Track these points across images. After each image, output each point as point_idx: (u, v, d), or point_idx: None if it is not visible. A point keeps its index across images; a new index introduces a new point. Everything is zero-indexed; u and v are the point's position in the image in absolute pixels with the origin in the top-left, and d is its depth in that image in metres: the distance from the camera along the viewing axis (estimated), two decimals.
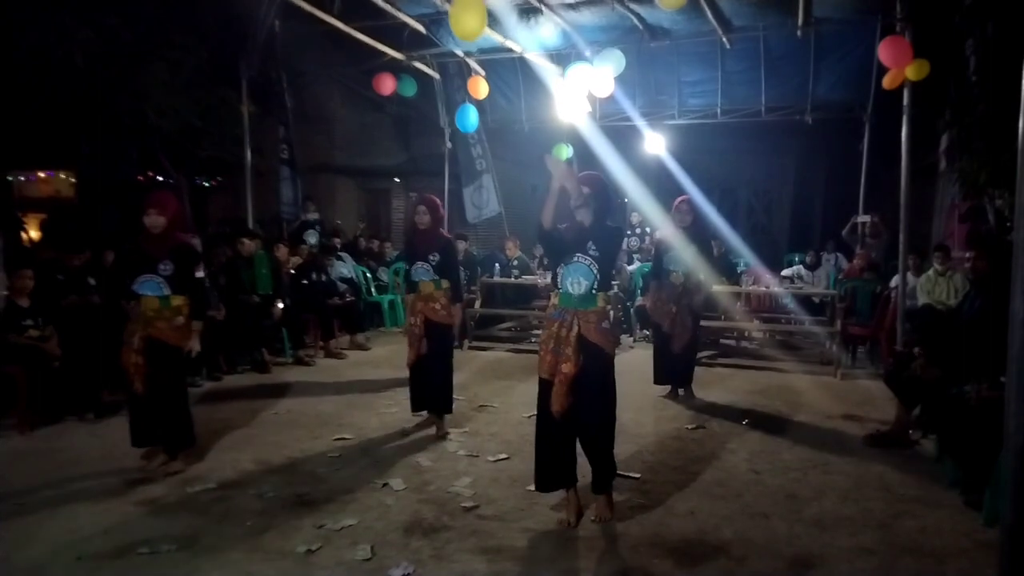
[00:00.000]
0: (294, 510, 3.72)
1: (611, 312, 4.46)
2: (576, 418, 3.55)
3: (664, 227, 6.08)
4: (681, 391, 6.14)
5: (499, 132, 11.45)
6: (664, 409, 5.80)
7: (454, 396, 5.30)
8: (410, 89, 9.53)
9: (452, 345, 5.40)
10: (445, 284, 5.08)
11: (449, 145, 10.98)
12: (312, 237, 9.99)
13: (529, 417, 5.44)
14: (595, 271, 3.52)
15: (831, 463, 4.50)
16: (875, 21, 7.73)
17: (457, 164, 11.32)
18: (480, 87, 8.99)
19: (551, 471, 3.62)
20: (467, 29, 5.08)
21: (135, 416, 4.30)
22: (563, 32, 8.43)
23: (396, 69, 9.35)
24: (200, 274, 4.34)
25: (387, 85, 9.19)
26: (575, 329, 3.49)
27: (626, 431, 4.87)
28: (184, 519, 3.61)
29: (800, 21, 7.73)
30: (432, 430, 5.09)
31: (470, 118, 9.28)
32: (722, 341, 8.75)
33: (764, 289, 8.66)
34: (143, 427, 4.28)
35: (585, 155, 11.21)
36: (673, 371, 6.08)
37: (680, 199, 5.95)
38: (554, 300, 3.63)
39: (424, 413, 5.29)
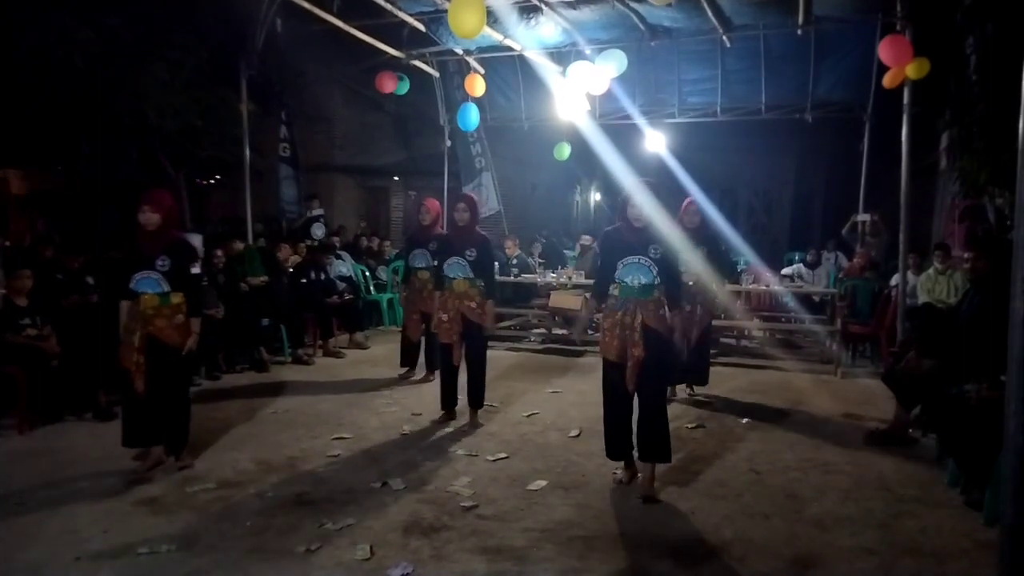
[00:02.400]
0: (294, 510, 3.72)
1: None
2: (638, 395, 3.96)
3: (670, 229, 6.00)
4: (693, 389, 6.11)
5: (499, 130, 11.45)
6: None
7: (455, 395, 5.37)
8: (403, 87, 9.53)
9: (487, 343, 5.47)
10: (479, 283, 5.18)
11: (449, 143, 10.98)
12: (319, 230, 10.02)
13: (529, 416, 5.46)
14: (654, 272, 3.88)
15: (831, 463, 4.50)
16: (875, 20, 7.71)
17: (457, 162, 11.32)
18: (477, 85, 8.95)
19: (618, 440, 4.07)
20: (466, 27, 5.05)
21: (130, 416, 4.28)
22: (563, 30, 8.42)
23: (393, 67, 9.34)
24: (196, 270, 4.33)
25: (389, 84, 9.19)
26: (639, 317, 3.86)
27: None
28: (184, 519, 3.61)
29: (800, 20, 7.71)
30: (439, 425, 5.19)
31: (471, 117, 9.25)
32: (722, 340, 8.74)
33: (764, 288, 8.65)
34: (137, 427, 4.25)
35: (585, 153, 11.21)
36: (687, 370, 5.94)
37: (688, 200, 5.82)
38: (614, 292, 3.97)
39: (421, 412, 5.29)
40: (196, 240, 7.09)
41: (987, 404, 3.66)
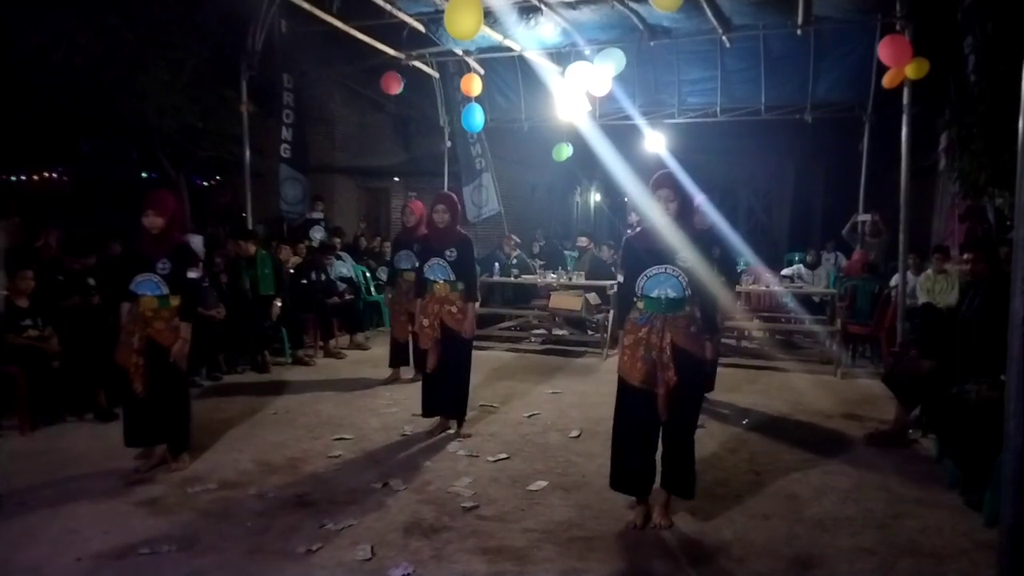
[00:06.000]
0: (294, 511, 3.72)
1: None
2: (665, 423, 3.51)
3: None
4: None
5: (499, 131, 11.45)
6: None
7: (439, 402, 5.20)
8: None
9: (470, 352, 5.13)
10: (460, 286, 4.95)
11: (449, 144, 10.98)
12: (318, 232, 10.01)
13: (529, 417, 5.46)
14: (684, 283, 3.43)
15: (831, 463, 4.51)
16: (875, 20, 7.73)
17: (457, 163, 11.32)
18: (473, 84, 8.93)
19: (632, 475, 3.58)
20: (462, 29, 5.03)
21: (130, 416, 4.32)
22: (563, 31, 8.42)
23: (393, 68, 9.34)
24: (193, 275, 4.31)
25: (394, 85, 9.19)
26: (667, 336, 3.42)
27: None
28: (184, 519, 3.61)
29: (800, 20, 7.72)
30: (435, 431, 5.07)
31: (476, 118, 9.22)
32: (722, 340, 8.74)
33: (764, 288, 8.65)
34: (138, 427, 4.28)
35: (585, 154, 11.22)
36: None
37: (699, 199, 5.48)
38: (639, 305, 3.51)
39: (419, 414, 5.28)
40: (197, 241, 7.10)
41: (987, 404, 3.66)
